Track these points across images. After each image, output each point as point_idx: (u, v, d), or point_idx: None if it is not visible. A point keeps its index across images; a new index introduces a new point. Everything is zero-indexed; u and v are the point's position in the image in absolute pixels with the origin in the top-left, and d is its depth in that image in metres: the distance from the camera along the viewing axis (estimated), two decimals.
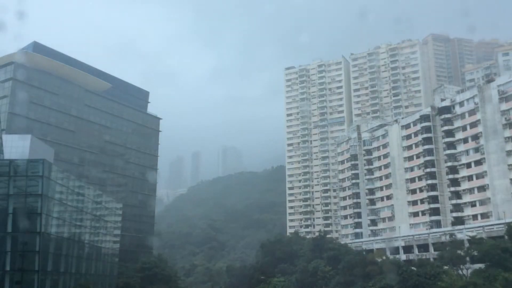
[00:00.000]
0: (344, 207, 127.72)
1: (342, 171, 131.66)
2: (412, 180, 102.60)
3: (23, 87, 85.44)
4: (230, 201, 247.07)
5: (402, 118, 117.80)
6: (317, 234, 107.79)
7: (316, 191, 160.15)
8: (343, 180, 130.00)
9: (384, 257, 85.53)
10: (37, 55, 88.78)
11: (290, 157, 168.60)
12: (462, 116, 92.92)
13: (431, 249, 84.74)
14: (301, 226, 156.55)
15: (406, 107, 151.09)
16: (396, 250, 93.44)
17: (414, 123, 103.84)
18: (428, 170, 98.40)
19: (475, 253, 66.09)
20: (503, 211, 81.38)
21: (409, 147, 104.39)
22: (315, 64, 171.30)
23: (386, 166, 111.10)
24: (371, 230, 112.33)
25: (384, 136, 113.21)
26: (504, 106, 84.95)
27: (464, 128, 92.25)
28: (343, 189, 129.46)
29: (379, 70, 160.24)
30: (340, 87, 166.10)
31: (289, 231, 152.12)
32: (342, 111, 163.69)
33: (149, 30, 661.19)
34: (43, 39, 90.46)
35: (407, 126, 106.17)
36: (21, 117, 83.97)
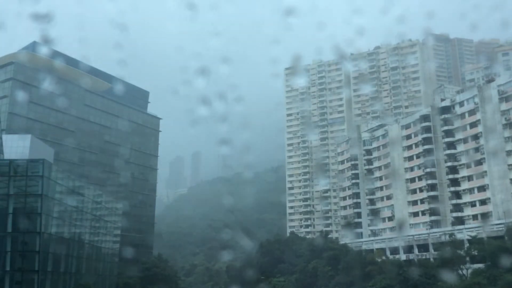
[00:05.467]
0: (344, 207, 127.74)
1: (342, 171, 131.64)
2: (412, 180, 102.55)
3: (23, 87, 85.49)
4: (230, 201, 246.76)
5: (402, 118, 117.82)
6: (317, 234, 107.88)
7: (316, 191, 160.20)
8: (343, 180, 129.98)
9: (384, 257, 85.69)
10: (37, 55, 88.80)
11: (290, 157, 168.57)
12: (462, 116, 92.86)
13: (431, 249, 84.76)
14: (301, 226, 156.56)
15: (406, 107, 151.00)
16: (396, 250, 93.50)
17: (414, 123, 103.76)
18: (428, 170, 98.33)
19: (475, 253, 66.14)
20: (503, 211, 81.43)
21: (409, 147, 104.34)
22: (315, 64, 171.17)
23: (386, 166, 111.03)
24: (371, 230, 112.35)
25: (384, 136, 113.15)
26: (504, 106, 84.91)
27: (464, 128, 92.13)
28: (343, 189, 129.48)
29: (379, 70, 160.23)
30: (340, 87, 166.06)
31: (289, 231, 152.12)
32: (342, 111, 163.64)
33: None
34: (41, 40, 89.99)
35: (407, 126, 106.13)
36: (21, 117, 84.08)
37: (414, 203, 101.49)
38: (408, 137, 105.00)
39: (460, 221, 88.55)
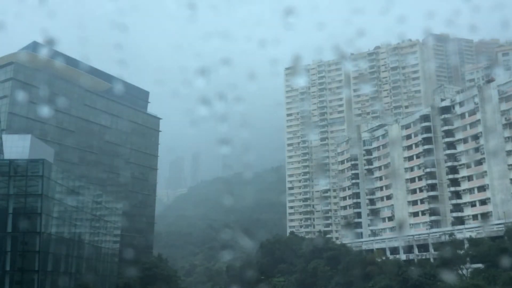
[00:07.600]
0: (344, 207, 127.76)
1: (342, 171, 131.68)
2: (412, 180, 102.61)
3: (23, 87, 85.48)
4: (230, 201, 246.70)
5: (402, 118, 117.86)
6: (317, 234, 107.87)
7: (316, 191, 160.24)
8: (343, 180, 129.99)
9: (384, 257, 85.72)
10: (37, 55, 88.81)
11: (290, 157, 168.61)
12: (462, 116, 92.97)
13: (431, 249, 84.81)
14: (301, 226, 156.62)
15: (406, 107, 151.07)
16: (396, 250, 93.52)
17: (414, 123, 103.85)
18: (428, 170, 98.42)
19: (475, 253, 66.17)
20: (503, 211, 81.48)
21: (409, 147, 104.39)
22: (315, 64, 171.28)
23: (386, 166, 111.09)
24: (371, 230, 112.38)
25: (384, 136, 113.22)
26: (504, 106, 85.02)
27: (464, 128, 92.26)
28: (343, 189, 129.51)
29: (379, 70, 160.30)
30: (340, 87, 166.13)
31: (289, 231, 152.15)
32: (342, 111, 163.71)
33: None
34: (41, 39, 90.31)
35: (407, 126, 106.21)
36: (21, 117, 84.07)
37: (414, 203, 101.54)
38: (408, 137, 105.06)
39: (460, 221, 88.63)
